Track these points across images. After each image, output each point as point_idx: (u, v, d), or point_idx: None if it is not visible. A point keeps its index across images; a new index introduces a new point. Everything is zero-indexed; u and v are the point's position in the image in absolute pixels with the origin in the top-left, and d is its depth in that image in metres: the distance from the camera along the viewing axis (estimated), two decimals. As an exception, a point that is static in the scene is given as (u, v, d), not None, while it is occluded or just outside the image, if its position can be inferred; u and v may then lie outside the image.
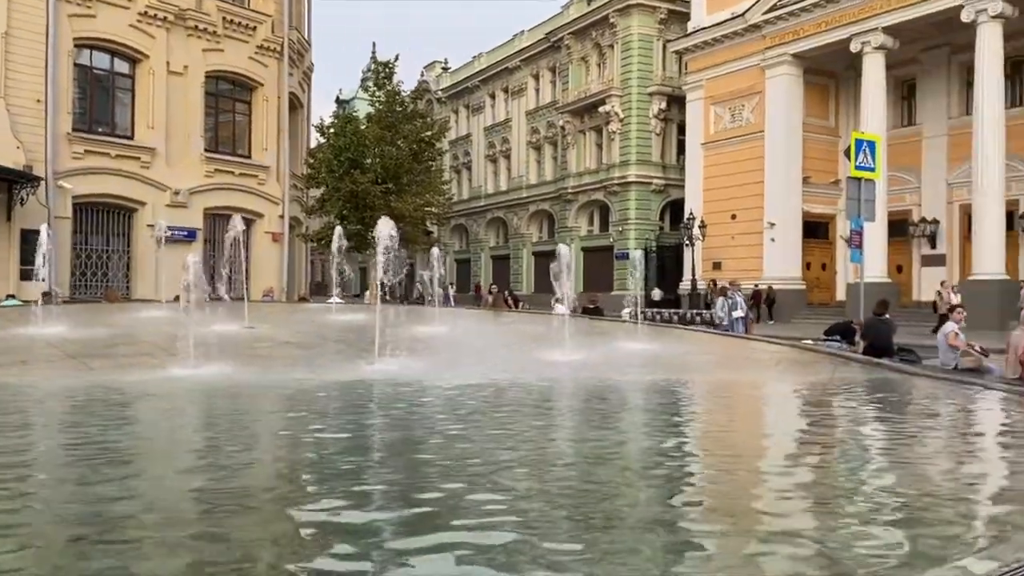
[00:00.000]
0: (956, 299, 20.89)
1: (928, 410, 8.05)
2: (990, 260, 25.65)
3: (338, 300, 18.87)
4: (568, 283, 12.69)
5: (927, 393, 8.89)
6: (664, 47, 39.66)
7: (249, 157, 26.63)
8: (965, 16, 26.13)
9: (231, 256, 15.11)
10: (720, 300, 18.34)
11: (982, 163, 25.90)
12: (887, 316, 12.67)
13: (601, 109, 41.08)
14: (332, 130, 32.34)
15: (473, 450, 5.25)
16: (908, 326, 19.53)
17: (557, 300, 13.96)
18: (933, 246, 31.21)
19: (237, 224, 14.87)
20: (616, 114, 40.45)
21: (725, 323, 17.78)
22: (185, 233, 23.63)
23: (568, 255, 12.68)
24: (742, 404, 8.54)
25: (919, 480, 4.77)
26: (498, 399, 7.80)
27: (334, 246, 17.97)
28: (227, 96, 26.65)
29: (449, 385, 8.25)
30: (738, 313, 18.04)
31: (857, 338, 13.24)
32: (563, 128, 44.76)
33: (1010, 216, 27.16)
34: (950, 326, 11.00)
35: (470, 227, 54.92)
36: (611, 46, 41.11)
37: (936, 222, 30.97)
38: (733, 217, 33.74)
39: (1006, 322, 19.85)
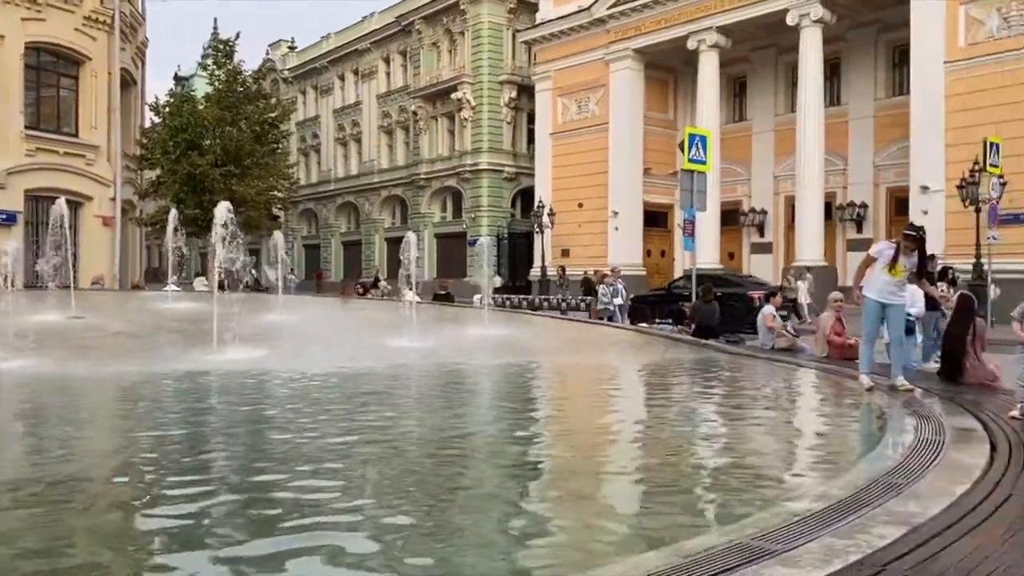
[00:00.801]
0: (804, 286, 22.72)
1: (745, 385, 8.73)
2: (811, 247, 27.78)
3: (175, 288, 18.06)
4: (415, 269, 12.75)
5: (746, 370, 9.63)
6: (514, 36, 40.20)
7: (76, 136, 24.81)
8: (790, 20, 28.03)
9: (56, 241, 14.10)
10: (602, 287, 18.45)
11: (804, 158, 27.96)
12: (713, 301, 13.54)
13: (453, 95, 41.16)
14: (168, 109, 30.71)
15: (308, 438, 5.25)
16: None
17: (373, 279, 13.86)
18: (761, 234, 33.42)
19: (62, 207, 13.92)
20: (468, 101, 40.66)
21: (611, 308, 17.72)
22: (3, 216, 21.83)
23: (415, 242, 12.74)
24: (581, 384, 8.94)
25: (722, 450, 5.22)
26: (341, 387, 7.79)
27: (169, 231, 17.15)
28: (50, 70, 24.68)
29: (291, 374, 8.14)
30: (619, 300, 17.98)
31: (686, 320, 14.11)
32: (415, 113, 44.50)
33: (828, 207, 29.46)
34: (768, 309, 11.89)
35: (319, 212, 53.63)
36: (462, 33, 41.21)
37: (764, 212, 33.17)
38: (580, 206, 34.75)
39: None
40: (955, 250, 21.91)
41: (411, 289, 13.70)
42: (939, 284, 10.97)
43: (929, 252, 8.02)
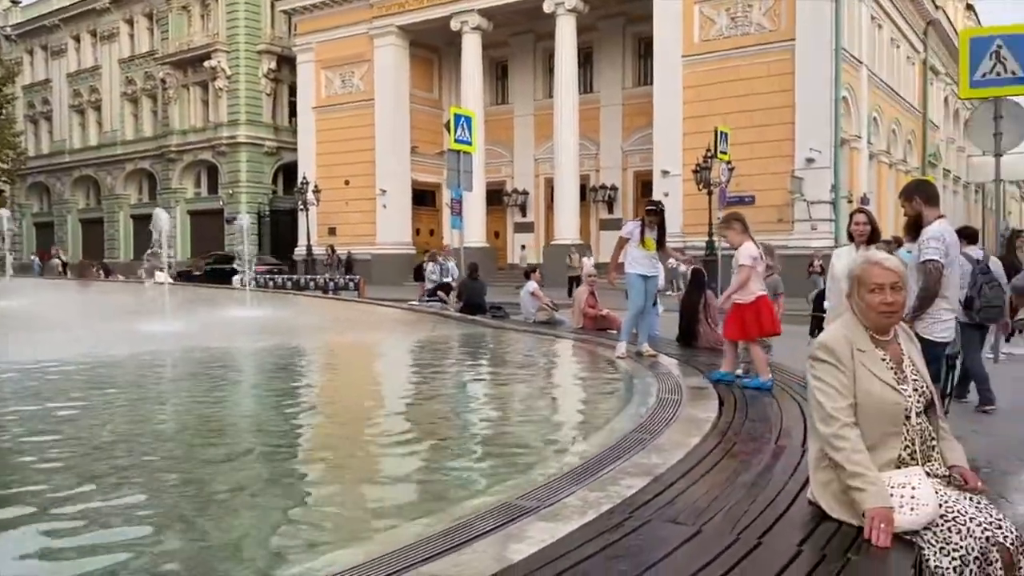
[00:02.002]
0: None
1: (510, 356, 9.12)
2: (567, 227, 29.36)
3: None
4: (167, 249, 11.96)
5: (511, 342, 10.05)
6: (273, 4, 38.45)
7: None
8: (546, 7, 29.24)
9: None
10: (431, 265, 17.89)
11: (561, 142, 29.39)
12: (479, 277, 13.95)
13: (206, 64, 38.65)
14: None
15: (50, 436, 4.81)
16: (503, 286, 21.59)
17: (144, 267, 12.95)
18: (524, 214, 34.83)
19: None
20: (223, 70, 38.39)
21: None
22: None
23: (167, 220, 11.94)
24: (349, 362, 8.87)
25: (488, 417, 5.45)
26: (87, 376, 7.17)
27: None
28: None
29: (26, 364, 7.35)
30: (448, 279, 17.33)
31: (454, 297, 14.42)
32: (164, 81, 41.26)
33: (583, 189, 31.27)
34: (532, 285, 12.45)
35: (52, 186, 48.32)
36: (215, -2, 38.84)
37: (526, 193, 34.56)
38: (347, 183, 34.15)
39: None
40: (691, 228, 24.15)
41: (162, 270, 12.85)
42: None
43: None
